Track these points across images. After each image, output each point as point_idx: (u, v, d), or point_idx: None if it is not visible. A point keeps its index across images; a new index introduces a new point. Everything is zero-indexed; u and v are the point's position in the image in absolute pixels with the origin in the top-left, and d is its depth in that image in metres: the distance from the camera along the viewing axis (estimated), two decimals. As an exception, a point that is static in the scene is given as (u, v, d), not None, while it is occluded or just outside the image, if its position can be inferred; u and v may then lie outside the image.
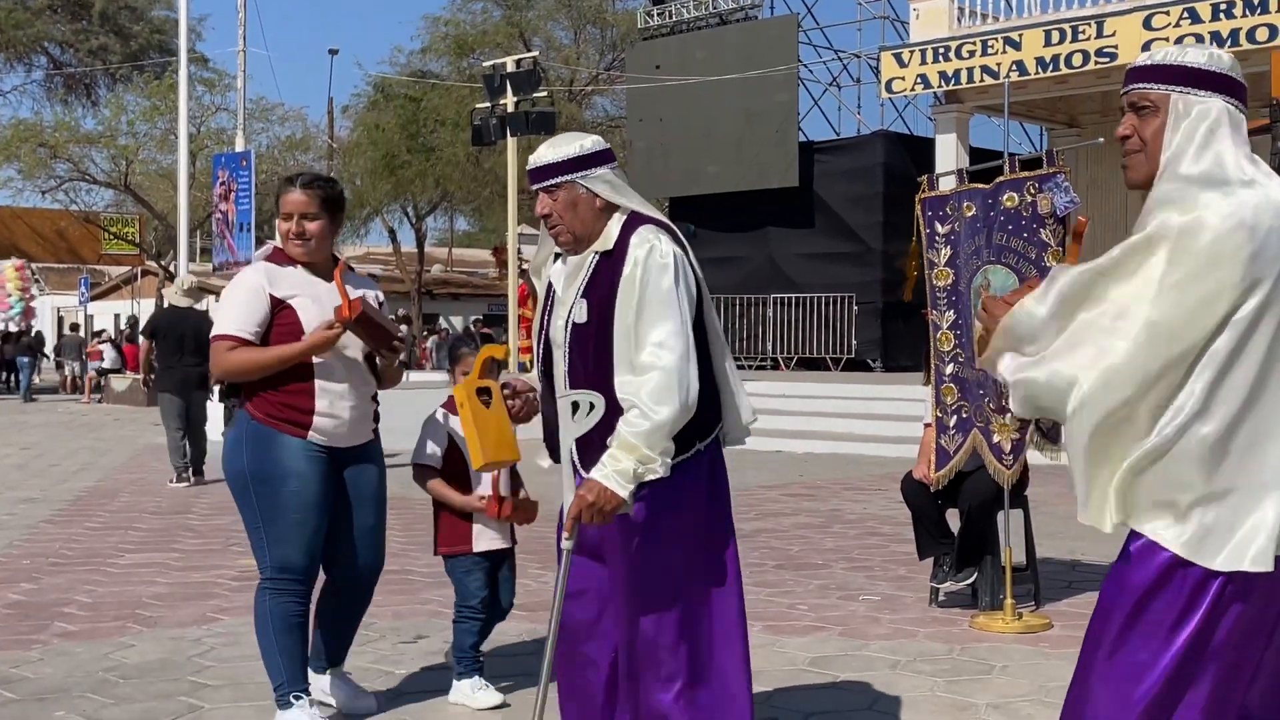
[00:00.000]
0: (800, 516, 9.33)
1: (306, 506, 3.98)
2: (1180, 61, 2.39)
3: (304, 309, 4.00)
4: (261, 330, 3.99)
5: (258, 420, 4.00)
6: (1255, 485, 2.23)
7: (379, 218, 34.95)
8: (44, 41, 35.60)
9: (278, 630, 4.01)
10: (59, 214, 36.91)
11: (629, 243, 3.11)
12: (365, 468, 4.17)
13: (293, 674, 4.04)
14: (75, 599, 6.25)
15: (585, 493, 3.00)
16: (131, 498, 10.40)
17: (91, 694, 4.57)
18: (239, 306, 3.99)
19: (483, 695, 4.42)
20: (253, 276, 4.05)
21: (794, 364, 22.02)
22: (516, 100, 17.06)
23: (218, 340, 4.00)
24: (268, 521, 3.98)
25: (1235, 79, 2.38)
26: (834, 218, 21.90)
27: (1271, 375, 2.24)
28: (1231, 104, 2.37)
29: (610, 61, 32.57)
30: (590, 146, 3.21)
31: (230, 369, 3.99)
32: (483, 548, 4.49)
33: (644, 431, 2.97)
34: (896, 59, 19.37)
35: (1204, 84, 2.37)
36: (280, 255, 4.11)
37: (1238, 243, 2.21)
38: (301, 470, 3.97)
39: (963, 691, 4.62)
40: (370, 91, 32.51)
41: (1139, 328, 2.23)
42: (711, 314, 3.26)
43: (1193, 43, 2.44)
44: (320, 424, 4.00)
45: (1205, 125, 2.34)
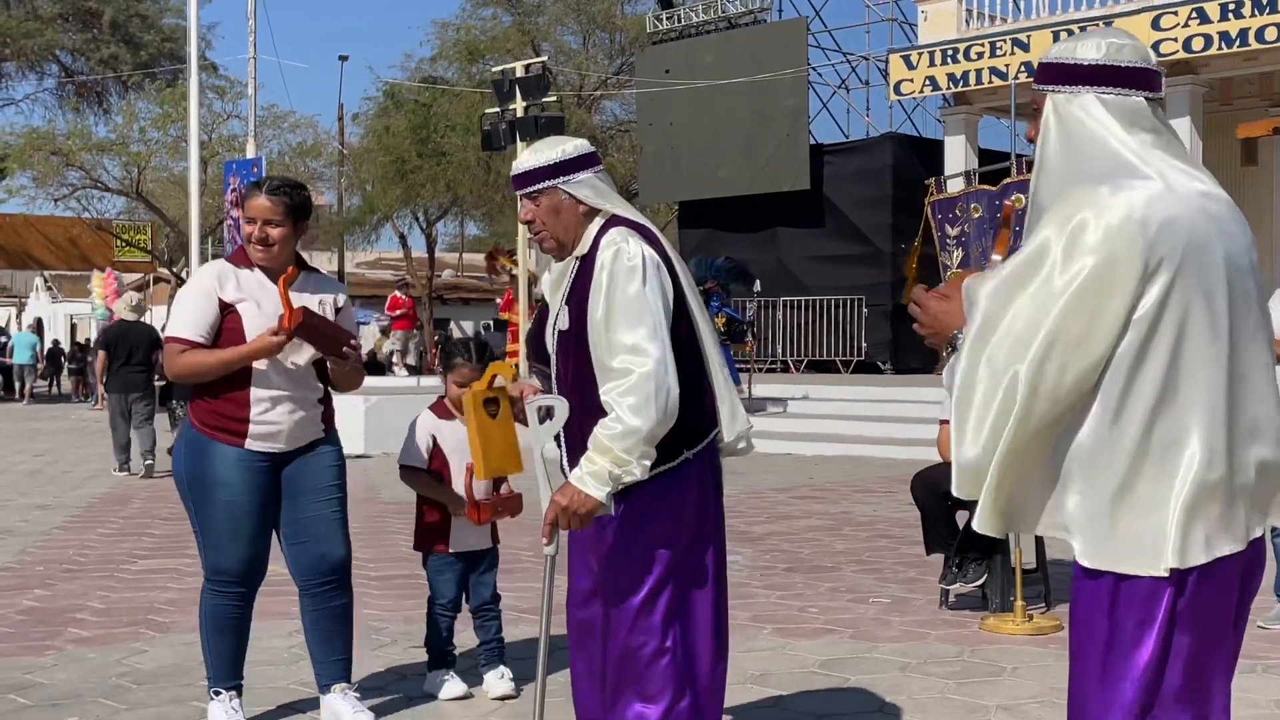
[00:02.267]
0: (810, 519, 9.33)
1: (238, 515, 4.00)
2: (1056, 58, 2.30)
3: (248, 314, 3.99)
4: (211, 333, 4.00)
5: (195, 428, 4.05)
6: (1174, 486, 2.15)
7: (390, 223, 35.03)
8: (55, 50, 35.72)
9: (209, 628, 4.13)
10: (71, 221, 37.01)
11: (600, 245, 3.08)
12: (313, 461, 4.12)
13: (218, 670, 4.15)
14: (88, 605, 6.28)
15: (559, 496, 3.00)
16: (144, 504, 10.43)
17: (104, 699, 4.60)
18: (190, 309, 4.01)
19: (449, 686, 4.55)
20: (204, 279, 4.06)
21: (804, 366, 22.02)
22: (526, 105, 17.08)
23: (169, 342, 4.03)
24: (202, 528, 4.05)
25: (1109, 65, 2.25)
26: (843, 220, 21.90)
27: (1181, 374, 2.15)
28: (1121, 94, 2.24)
29: (619, 66, 32.59)
30: (572, 151, 3.17)
31: (179, 371, 4.04)
32: (459, 548, 4.58)
33: (617, 434, 2.93)
34: (905, 61, 19.37)
35: (1081, 79, 2.26)
36: (241, 256, 4.11)
37: (1129, 238, 2.10)
38: (232, 480, 3.98)
39: (973, 694, 4.62)
40: (381, 98, 32.59)
41: (1042, 340, 2.12)
42: (701, 318, 3.19)
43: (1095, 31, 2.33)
44: (256, 431, 4.00)
45: (1084, 120, 2.24)
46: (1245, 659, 5.05)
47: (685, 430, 3.09)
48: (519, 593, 6.43)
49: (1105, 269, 2.11)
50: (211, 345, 4.00)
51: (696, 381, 3.15)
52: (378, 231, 36.56)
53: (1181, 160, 2.27)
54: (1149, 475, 2.16)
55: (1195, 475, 2.14)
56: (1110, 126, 2.23)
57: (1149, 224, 2.11)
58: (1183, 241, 2.14)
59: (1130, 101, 2.25)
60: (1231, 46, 16.28)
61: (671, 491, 3.10)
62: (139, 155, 31.52)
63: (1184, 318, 2.14)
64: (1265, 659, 5.08)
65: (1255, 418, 2.22)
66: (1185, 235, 2.15)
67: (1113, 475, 2.16)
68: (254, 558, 4.07)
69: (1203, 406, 2.15)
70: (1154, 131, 2.26)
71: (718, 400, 3.21)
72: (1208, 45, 16.42)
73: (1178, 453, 2.15)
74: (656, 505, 3.09)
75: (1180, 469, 2.15)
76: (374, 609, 5.97)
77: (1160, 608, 2.17)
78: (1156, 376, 2.14)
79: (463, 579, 4.64)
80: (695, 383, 3.14)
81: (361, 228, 35.18)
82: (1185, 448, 2.15)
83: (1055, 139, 2.26)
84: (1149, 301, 2.12)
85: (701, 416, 3.16)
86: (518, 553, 7.57)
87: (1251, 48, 16.18)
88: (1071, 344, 2.12)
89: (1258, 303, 2.27)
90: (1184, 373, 2.15)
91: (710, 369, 3.20)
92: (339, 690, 4.22)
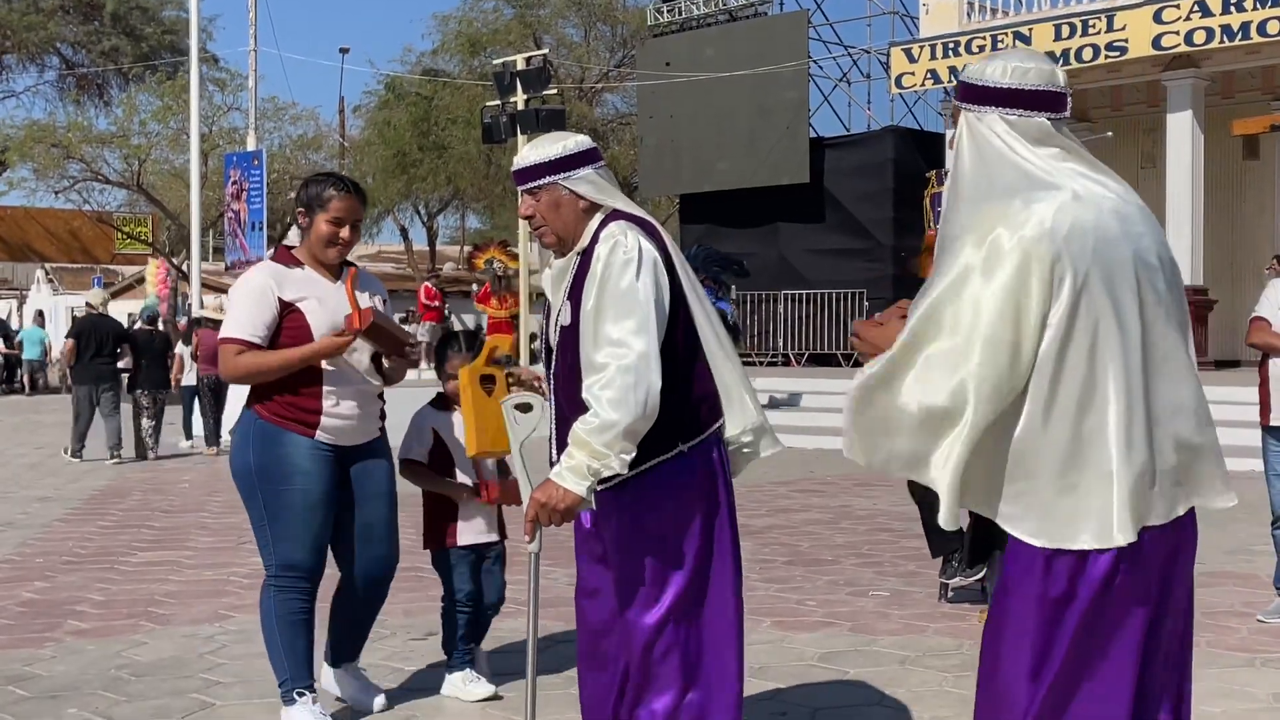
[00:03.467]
0: (810, 512, 9.33)
1: (312, 505, 4.00)
2: (967, 79, 2.42)
3: (312, 312, 4.00)
4: (269, 333, 3.98)
5: (264, 419, 4.01)
6: (1102, 472, 2.29)
7: (391, 216, 35.02)
8: (56, 43, 35.70)
9: (282, 627, 4.04)
10: (72, 214, 37.01)
11: (599, 239, 3.06)
12: (372, 464, 4.18)
13: (296, 670, 4.07)
14: (88, 597, 6.29)
15: (538, 493, 2.98)
16: (144, 496, 10.45)
17: (104, 691, 4.60)
18: (247, 310, 3.98)
19: (474, 687, 4.49)
20: (260, 278, 4.03)
21: (805, 360, 22.01)
22: (527, 98, 17.06)
23: (226, 343, 3.99)
24: (272, 519, 4.00)
25: (1026, 90, 2.37)
26: (845, 213, 21.87)
27: (1098, 368, 2.29)
28: (1024, 115, 2.37)
29: (620, 59, 32.55)
30: (573, 147, 3.16)
31: (238, 373, 3.99)
32: (468, 541, 4.55)
33: (594, 428, 2.91)
34: (906, 54, 19.34)
35: (988, 100, 2.39)
36: (286, 255, 4.11)
37: (1040, 245, 2.24)
38: (307, 469, 3.99)
39: (972, 687, 4.59)
40: (381, 90, 32.58)
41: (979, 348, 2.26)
42: (702, 314, 3.18)
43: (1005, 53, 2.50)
44: (327, 424, 4.02)
45: (990, 139, 2.37)
46: (1243, 652, 5.08)
47: (679, 423, 3.07)
48: (513, 586, 6.43)
49: (1022, 275, 2.25)
50: (269, 346, 3.98)
51: (694, 376, 3.13)
52: (379, 224, 36.61)
53: (1090, 169, 2.41)
54: (1078, 465, 2.30)
55: (1118, 461, 2.29)
56: (1014, 145, 2.37)
57: (1058, 231, 2.26)
58: (1090, 245, 2.29)
59: (1033, 122, 2.38)
60: (1233, 40, 16.24)
61: (671, 484, 3.08)
62: (140, 148, 31.49)
63: (1097, 316, 2.29)
64: (1263, 653, 5.08)
65: (1174, 402, 2.37)
66: (1093, 239, 2.29)
67: (1048, 469, 2.31)
68: (322, 549, 4.09)
69: (1120, 397, 2.29)
70: (1060, 147, 2.39)
71: (723, 395, 3.19)
72: (1209, 38, 16.38)
73: (1102, 442, 2.29)
74: (656, 499, 3.08)
75: (1105, 457, 2.29)
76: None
77: (1084, 583, 2.31)
78: (1077, 372, 2.29)
79: (475, 573, 4.57)
80: (692, 377, 3.12)
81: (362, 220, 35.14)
82: (1108, 437, 2.29)
83: (967, 153, 2.40)
84: (1063, 303, 2.26)
85: (698, 411, 3.13)
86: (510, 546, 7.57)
87: (1253, 41, 16.14)
88: (1005, 349, 2.26)
89: (1169, 295, 2.41)
90: (1100, 367, 2.29)
91: (713, 364, 3.18)
92: (349, 667, 4.36)
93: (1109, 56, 17.07)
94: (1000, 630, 2.41)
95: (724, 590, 3.16)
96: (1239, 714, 4.26)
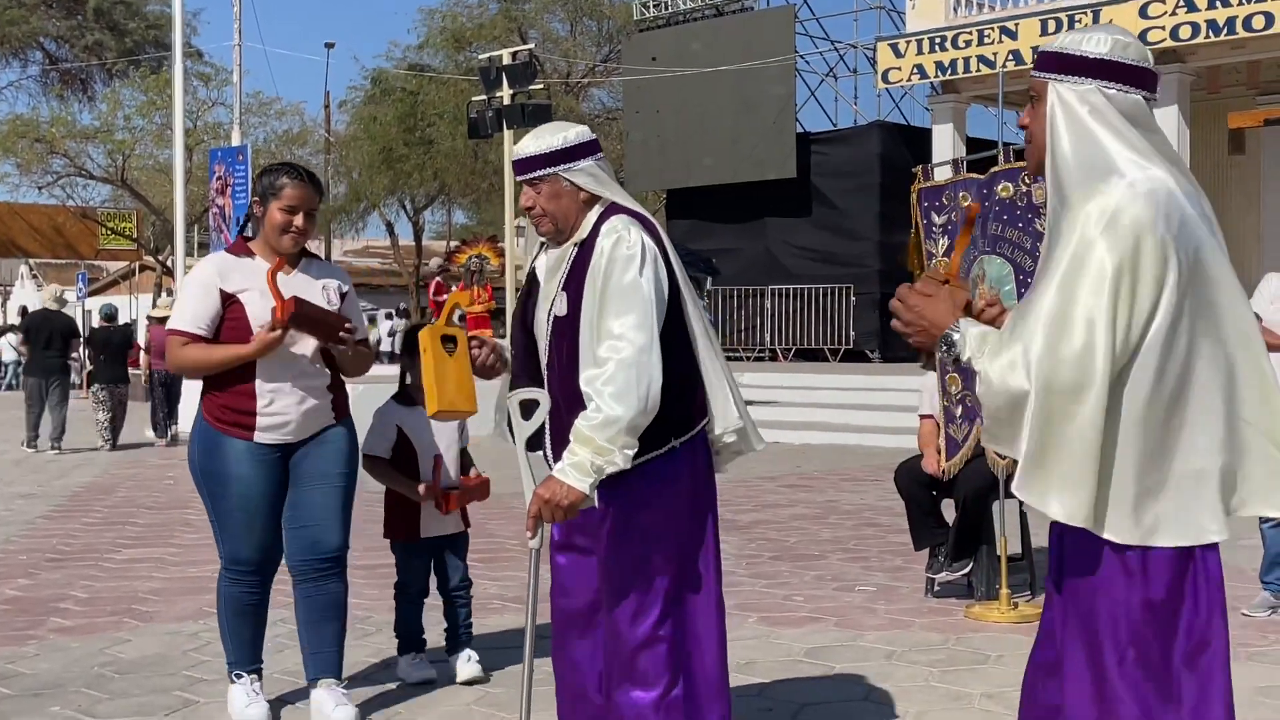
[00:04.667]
0: (797, 508, 9.33)
1: (251, 509, 4.03)
2: (1062, 49, 2.32)
3: (251, 303, 3.97)
4: (214, 325, 3.99)
5: (206, 422, 4.06)
6: (1195, 467, 2.23)
7: (376, 211, 34.92)
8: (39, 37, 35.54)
9: (228, 613, 4.18)
10: (56, 209, 36.84)
11: (599, 233, 3.07)
12: (321, 447, 4.11)
13: (239, 654, 4.19)
14: (71, 594, 6.25)
15: (541, 489, 2.97)
16: (129, 493, 10.40)
17: (87, 689, 4.57)
18: (192, 302, 4.01)
19: (417, 671, 4.58)
20: (205, 271, 4.05)
21: (792, 355, 22.03)
22: (513, 93, 17.03)
23: (172, 334, 4.02)
24: (219, 519, 4.08)
25: (1115, 61, 2.29)
26: (831, 209, 21.89)
27: (1197, 363, 2.22)
28: (1122, 90, 2.29)
29: (606, 54, 32.51)
30: (574, 138, 3.17)
31: (183, 365, 4.03)
32: (431, 534, 4.62)
33: (597, 424, 2.91)
34: (893, 49, 19.35)
35: (1087, 71, 2.29)
36: (240, 246, 4.10)
37: (1154, 228, 2.16)
38: (244, 474, 4.00)
39: (958, 681, 4.62)
40: (367, 85, 32.46)
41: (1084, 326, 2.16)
42: (694, 310, 3.18)
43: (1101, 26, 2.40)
44: (264, 424, 4.00)
45: (1089, 112, 2.28)
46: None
47: (674, 420, 3.08)
48: (504, 583, 6.42)
49: (1135, 257, 2.16)
50: (214, 337, 3.99)
51: (687, 372, 3.14)
52: (365, 219, 36.49)
53: (1172, 159, 2.33)
54: (1171, 460, 2.22)
55: (1208, 459, 2.23)
56: (1113, 120, 2.27)
57: (1171, 216, 2.19)
58: (1193, 235, 2.22)
59: (1131, 98, 2.29)
60: (1219, 34, 16.29)
61: (663, 480, 3.09)
62: (123, 143, 31.38)
63: (1197, 307, 2.21)
64: (1249, 646, 5.09)
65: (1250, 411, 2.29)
66: (1194, 229, 2.23)
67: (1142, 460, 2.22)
68: (268, 546, 4.12)
69: (1214, 397, 2.23)
70: (1151, 130, 2.31)
71: (709, 392, 3.19)
72: (1195, 33, 16.42)
73: (1193, 439, 2.22)
74: (648, 494, 3.08)
75: (1199, 455, 2.23)
76: (359, 598, 5.93)
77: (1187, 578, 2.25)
78: (1179, 364, 2.20)
79: (431, 565, 4.68)
80: (685, 373, 3.13)
81: (349, 216, 35.05)
82: (1200, 436, 2.23)
83: (1064, 127, 2.29)
84: (1172, 290, 2.18)
85: (690, 407, 3.15)
86: (504, 542, 7.55)
87: (1239, 36, 16.19)
88: (1120, 329, 2.16)
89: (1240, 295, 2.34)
90: (1200, 362, 2.22)
91: (702, 361, 3.19)
92: (326, 685, 4.16)
93: (1094, 51, 17.09)
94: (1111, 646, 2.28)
95: (708, 585, 3.17)
96: (1224, 707, 4.27)
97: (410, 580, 4.66)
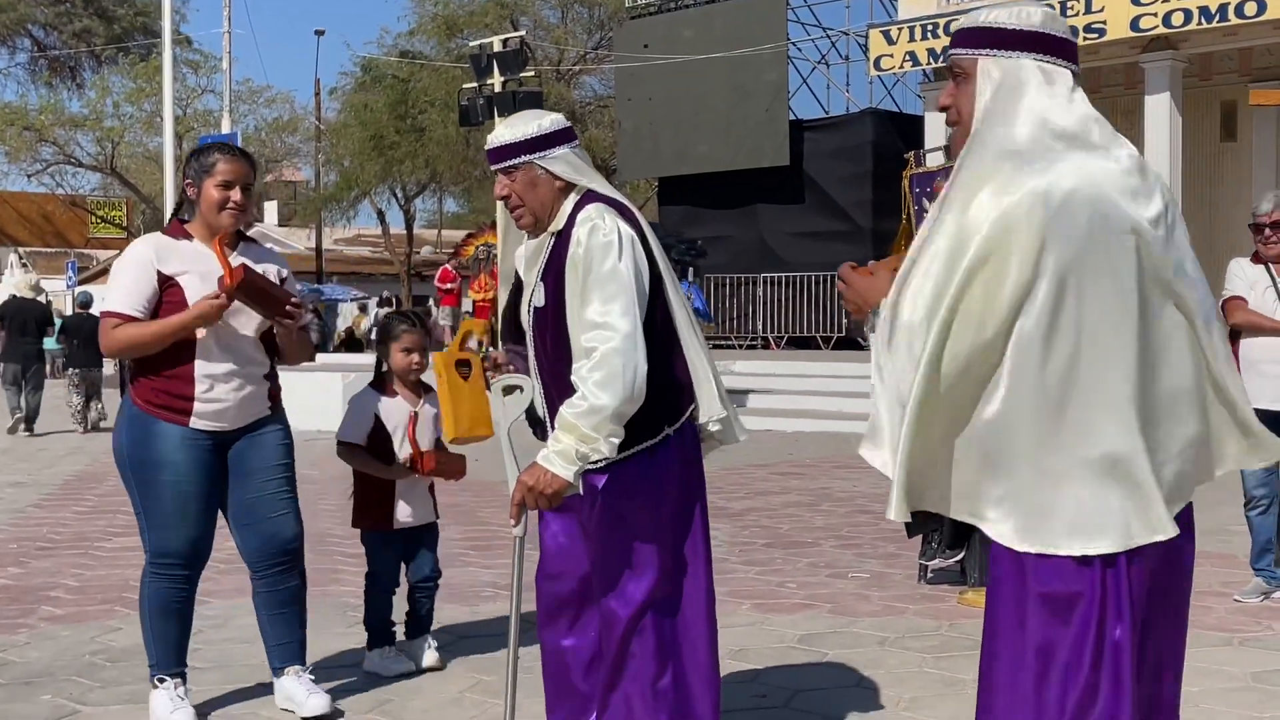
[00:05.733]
0: (790, 495, 9.33)
1: (184, 496, 3.88)
2: (990, 23, 2.28)
3: (190, 286, 3.83)
4: (150, 307, 3.84)
5: (138, 406, 3.90)
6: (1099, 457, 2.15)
7: (368, 199, 34.82)
8: (27, 24, 35.35)
9: (151, 612, 3.98)
10: (45, 198, 36.69)
11: (575, 222, 3.04)
12: (259, 440, 4.00)
13: (163, 656, 4.00)
14: (62, 583, 6.23)
15: (525, 476, 2.96)
16: (118, 482, 10.32)
17: (78, 677, 4.56)
18: (127, 283, 3.85)
19: (391, 664, 4.55)
20: (141, 251, 3.89)
21: (784, 343, 22.02)
22: (504, 80, 16.98)
23: (105, 317, 3.88)
24: (146, 509, 3.92)
25: (1048, 34, 2.26)
26: (824, 196, 21.87)
27: (1086, 352, 2.15)
28: (1044, 60, 2.25)
29: (598, 41, 32.40)
30: (549, 126, 3.13)
31: (116, 346, 3.86)
32: (402, 523, 4.58)
33: (582, 412, 2.89)
34: (885, 36, 19.31)
35: (1010, 44, 2.25)
36: (176, 228, 3.97)
37: (1028, 213, 2.11)
38: (177, 460, 3.86)
39: (951, 667, 4.62)
40: (358, 72, 32.35)
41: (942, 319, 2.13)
42: (675, 297, 3.16)
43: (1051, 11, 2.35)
44: (201, 409, 3.87)
45: (1009, 86, 2.23)
46: (1221, 631, 5.10)
47: (665, 407, 3.06)
48: (497, 570, 6.42)
49: (1005, 246, 2.11)
50: (150, 320, 3.84)
51: (674, 358, 3.12)
52: (355, 208, 36.37)
53: (1106, 132, 2.27)
54: (1068, 458, 2.15)
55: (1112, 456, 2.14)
56: (1043, 93, 2.23)
57: (1051, 199, 2.12)
58: (1086, 215, 2.14)
59: (1062, 71, 2.26)
60: (1211, 21, 16.27)
61: (655, 469, 3.07)
62: (113, 130, 31.24)
63: (1089, 294, 2.14)
64: (1241, 631, 5.10)
65: (1171, 391, 2.22)
66: (1090, 209, 2.15)
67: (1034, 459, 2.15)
68: (199, 539, 3.95)
69: (1115, 384, 2.15)
70: (1082, 102, 2.27)
71: (695, 380, 3.17)
72: (1187, 20, 16.41)
73: (1093, 434, 2.15)
74: (640, 482, 3.07)
75: (1098, 450, 2.15)
76: (348, 585, 5.94)
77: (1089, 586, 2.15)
78: (1065, 354, 2.14)
79: (401, 555, 4.63)
80: (672, 359, 3.11)
81: (339, 204, 34.94)
82: (1099, 429, 2.14)
83: (990, 102, 2.25)
84: (1051, 276, 2.12)
85: (679, 394, 3.13)
86: (497, 530, 7.54)
87: (1231, 23, 16.17)
88: (972, 321, 2.12)
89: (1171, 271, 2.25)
90: (1090, 351, 2.14)
91: (686, 348, 3.16)
92: (293, 673, 4.12)
93: (1087, 39, 17.06)
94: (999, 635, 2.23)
95: (698, 572, 3.16)
96: (1217, 693, 4.28)
97: (382, 570, 4.60)
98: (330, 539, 7.12)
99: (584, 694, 3.20)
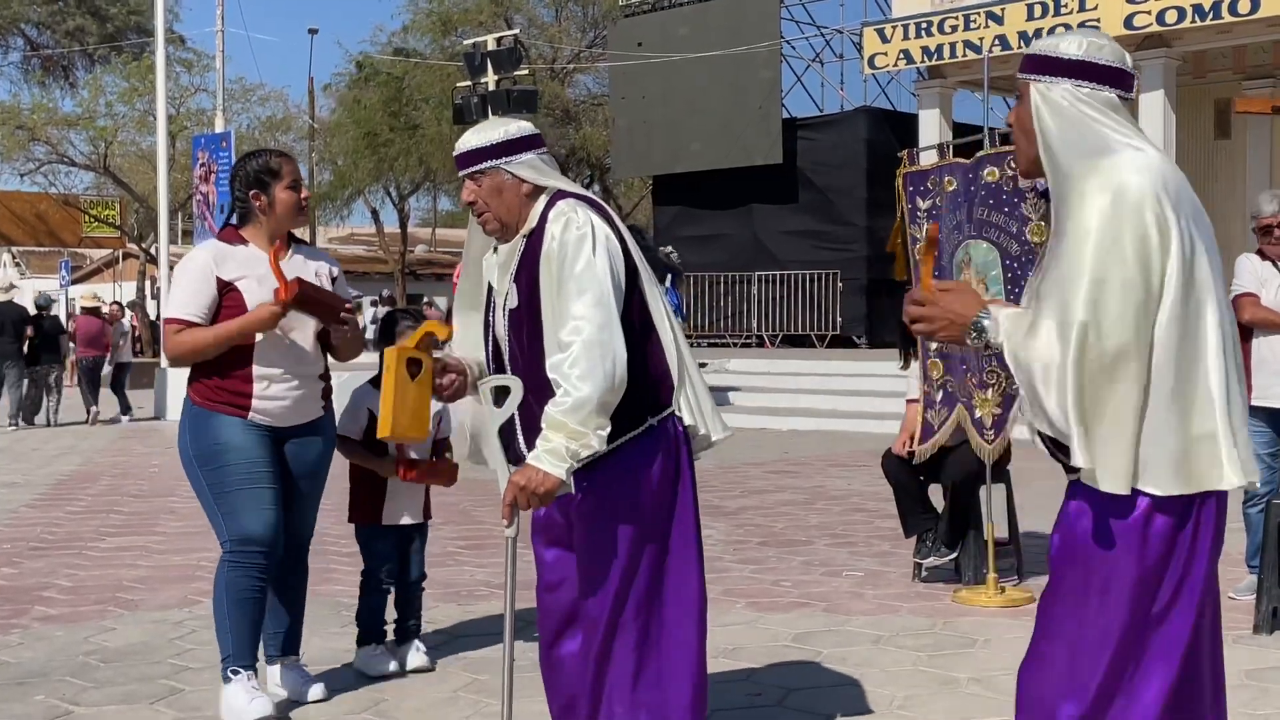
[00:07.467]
0: (784, 493, 9.34)
1: (255, 477, 3.96)
2: (1039, 51, 2.45)
3: (249, 290, 3.95)
4: (210, 313, 3.95)
5: (197, 404, 4.00)
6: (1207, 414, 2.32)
7: (361, 198, 34.77)
8: (20, 23, 35.22)
9: (230, 603, 3.98)
10: (38, 197, 36.57)
11: (547, 219, 3.05)
12: (308, 441, 4.13)
13: (239, 648, 4.01)
14: (56, 583, 6.22)
15: (517, 477, 2.94)
16: (113, 481, 10.35)
17: (72, 678, 4.55)
18: (186, 289, 3.96)
19: (377, 662, 4.55)
20: (200, 258, 4.00)
21: (779, 341, 22.03)
22: (498, 78, 16.97)
23: (167, 323, 3.99)
24: (218, 497, 3.96)
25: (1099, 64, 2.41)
26: (818, 194, 21.88)
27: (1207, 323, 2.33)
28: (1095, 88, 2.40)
29: (592, 39, 32.37)
30: (515, 132, 3.15)
31: (179, 352, 3.97)
32: (392, 521, 4.61)
33: (568, 408, 2.88)
34: (879, 35, 19.32)
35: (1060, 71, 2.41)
36: (231, 234, 4.07)
37: (1159, 197, 2.28)
38: (242, 443, 3.95)
39: (945, 666, 4.63)
40: (352, 70, 32.28)
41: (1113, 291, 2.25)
42: (651, 291, 3.15)
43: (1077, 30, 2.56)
44: (260, 406, 3.98)
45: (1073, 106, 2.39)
46: (1216, 629, 5.09)
47: (646, 396, 3.05)
48: (491, 569, 6.41)
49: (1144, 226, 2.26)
50: (210, 325, 3.95)
51: (653, 349, 3.11)
52: (350, 206, 36.33)
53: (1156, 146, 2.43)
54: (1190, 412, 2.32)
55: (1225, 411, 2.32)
56: (1087, 110, 2.40)
57: (1169, 187, 2.30)
58: (1189, 204, 2.33)
59: (1102, 95, 2.42)
60: (1205, 19, 16.29)
61: (639, 460, 3.05)
62: (106, 129, 31.14)
63: (1206, 273, 2.32)
64: (1235, 629, 5.10)
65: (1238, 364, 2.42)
66: (1189, 200, 2.34)
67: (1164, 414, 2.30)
68: (276, 521, 4.00)
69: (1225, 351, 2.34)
70: (1128, 122, 2.42)
71: (675, 378, 3.14)
72: (1181, 18, 16.43)
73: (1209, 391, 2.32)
74: (625, 476, 3.05)
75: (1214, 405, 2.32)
76: (343, 584, 5.93)
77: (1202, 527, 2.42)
78: (1179, 317, 2.28)
79: (395, 553, 4.65)
80: (652, 350, 3.10)
81: (333, 202, 34.90)
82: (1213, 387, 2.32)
83: (1049, 119, 2.41)
84: (1177, 258, 2.27)
85: (660, 385, 3.11)
86: (491, 529, 7.54)
87: (1225, 20, 16.20)
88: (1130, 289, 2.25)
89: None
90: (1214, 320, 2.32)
91: (664, 340, 3.14)
92: (289, 662, 4.22)
93: (1081, 36, 17.09)
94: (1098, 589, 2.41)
95: (686, 567, 3.13)
96: (1211, 690, 4.28)
97: (376, 567, 4.63)
98: (325, 538, 7.09)
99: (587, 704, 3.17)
